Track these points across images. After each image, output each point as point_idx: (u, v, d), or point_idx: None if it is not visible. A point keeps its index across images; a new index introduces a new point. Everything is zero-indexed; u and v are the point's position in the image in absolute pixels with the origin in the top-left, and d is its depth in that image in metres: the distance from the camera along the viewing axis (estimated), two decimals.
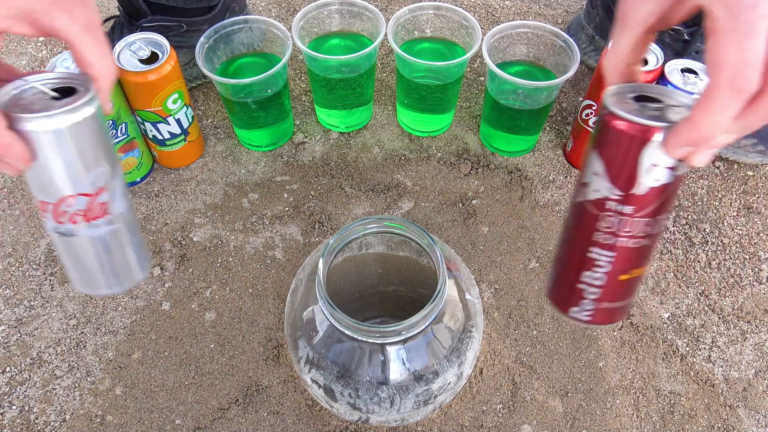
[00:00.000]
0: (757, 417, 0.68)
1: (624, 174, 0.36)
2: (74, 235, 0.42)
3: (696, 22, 0.84)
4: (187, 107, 0.80)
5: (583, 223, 0.40)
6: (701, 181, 0.87)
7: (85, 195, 0.41)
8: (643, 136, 0.34)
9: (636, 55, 0.38)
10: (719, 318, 0.75)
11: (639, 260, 0.40)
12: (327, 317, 0.51)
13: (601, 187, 0.38)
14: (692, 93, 0.72)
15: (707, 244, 0.80)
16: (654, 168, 0.35)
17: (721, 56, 0.30)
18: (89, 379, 0.69)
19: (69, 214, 0.41)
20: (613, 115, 0.36)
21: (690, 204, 0.84)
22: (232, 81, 0.75)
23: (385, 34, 0.78)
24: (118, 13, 0.88)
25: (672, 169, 0.35)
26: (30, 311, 0.74)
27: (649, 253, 0.40)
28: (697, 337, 0.73)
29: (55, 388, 0.69)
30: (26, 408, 0.68)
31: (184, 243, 0.79)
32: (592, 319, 0.43)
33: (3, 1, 0.36)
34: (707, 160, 0.35)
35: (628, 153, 0.35)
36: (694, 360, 0.72)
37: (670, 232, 0.82)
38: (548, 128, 0.92)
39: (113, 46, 0.78)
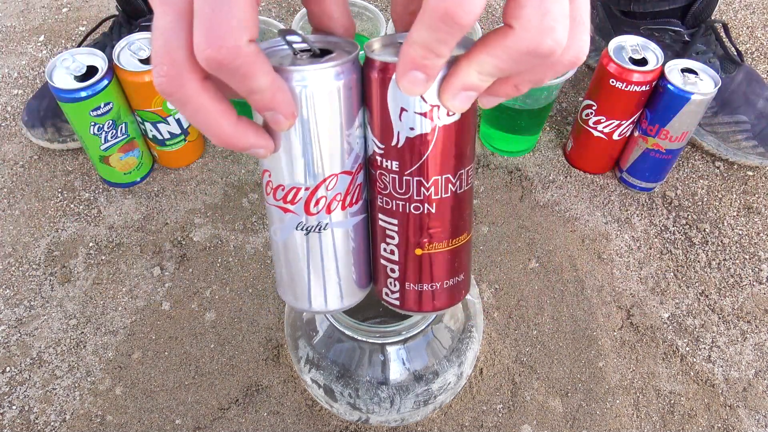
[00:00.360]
0: (757, 417, 0.68)
1: (381, 123, 0.33)
2: (324, 230, 0.35)
3: (696, 23, 0.84)
4: None
5: (369, 185, 0.37)
6: (701, 181, 0.87)
7: (348, 173, 0.34)
8: (384, 75, 0.31)
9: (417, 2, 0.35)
10: (719, 318, 0.75)
11: (429, 231, 0.36)
12: (327, 317, 0.51)
13: (369, 140, 0.35)
14: (692, 93, 0.72)
15: (707, 244, 0.80)
16: (405, 114, 0.32)
17: None
18: (89, 379, 0.69)
19: (327, 200, 0.34)
20: (366, 60, 0.33)
21: (690, 204, 0.84)
22: None
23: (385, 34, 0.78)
24: (116, 12, 0.88)
25: (425, 115, 0.32)
26: (30, 311, 0.74)
27: (441, 225, 0.36)
28: (697, 337, 0.73)
29: (55, 388, 0.69)
30: (26, 408, 0.68)
31: (184, 243, 0.79)
32: (401, 303, 0.39)
33: None
34: (461, 104, 0.31)
35: (380, 98, 0.32)
36: (694, 360, 0.72)
37: (670, 232, 0.82)
38: (548, 128, 0.92)
39: (113, 46, 0.78)
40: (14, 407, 0.67)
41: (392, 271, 0.39)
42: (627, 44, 0.75)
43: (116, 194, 0.84)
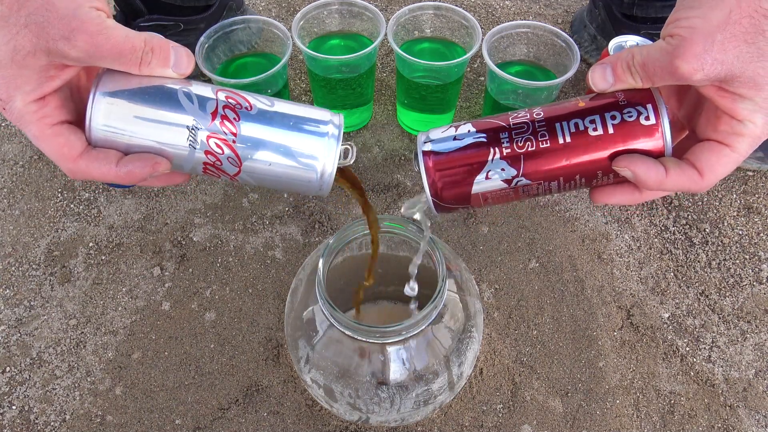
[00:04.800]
0: (757, 417, 0.68)
1: None
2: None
3: None
4: None
5: None
6: None
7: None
8: None
9: None
10: (719, 318, 0.75)
11: None
12: (327, 317, 0.51)
13: None
14: None
15: (707, 244, 0.80)
16: None
17: None
18: (89, 379, 0.69)
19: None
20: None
21: (690, 204, 0.84)
22: (232, 81, 0.75)
23: (385, 34, 0.78)
24: (114, 12, 0.88)
25: None
26: (30, 311, 0.74)
27: None
28: (697, 337, 0.73)
29: (55, 388, 0.69)
30: (26, 408, 0.68)
31: (184, 243, 0.79)
32: None
33: None
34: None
35: None
36: (694, 360, 0.72)
37: (670, 232, 0.82)
38: None
39: None
40: (14, 407, 0.68)
41: None
42: (627, 44, 0.76)
43: (116, 194, 0.84)
